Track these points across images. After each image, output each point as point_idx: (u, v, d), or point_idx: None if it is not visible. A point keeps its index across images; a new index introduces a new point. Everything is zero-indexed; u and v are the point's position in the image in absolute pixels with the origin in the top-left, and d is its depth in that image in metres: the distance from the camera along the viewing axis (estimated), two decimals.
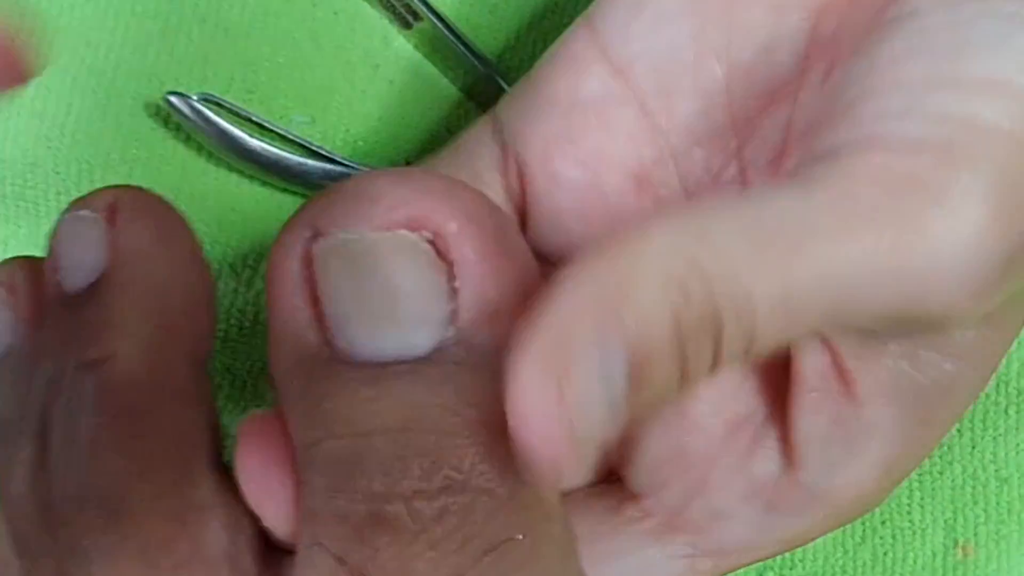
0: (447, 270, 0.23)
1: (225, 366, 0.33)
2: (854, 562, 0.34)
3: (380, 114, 0.35)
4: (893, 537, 0.34)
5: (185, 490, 0.25)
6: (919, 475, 0.34)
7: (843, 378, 0.26)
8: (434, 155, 0.30)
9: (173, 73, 0.34)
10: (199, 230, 0.34)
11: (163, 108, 0.34)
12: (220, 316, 0.33)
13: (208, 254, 0.34)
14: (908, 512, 0.34)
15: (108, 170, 0.34)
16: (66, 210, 0.26)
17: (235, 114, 0.34)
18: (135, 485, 0.24)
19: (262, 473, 0.24)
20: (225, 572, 0.25)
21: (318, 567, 0.23)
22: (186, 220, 0.26)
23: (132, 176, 0.34)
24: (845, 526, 0.29)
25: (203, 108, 0.33)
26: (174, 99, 0.33)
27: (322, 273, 0.23)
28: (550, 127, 0.28)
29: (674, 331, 0.21)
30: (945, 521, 0.34)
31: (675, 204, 0.27)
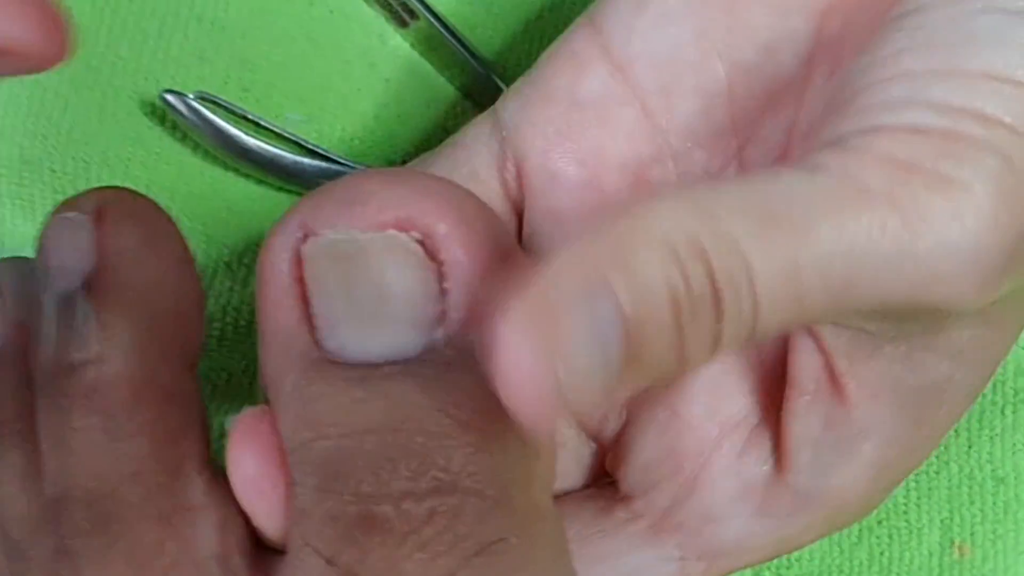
0: (437, 271, 0.23)
1: (220, 365, 0.33)
2: (850, 562, 0.34)
3: (376, 113, 0.35)
4: (890, 537, 0.34)
5: (174, 491, 0.25)
6: (915, 475, 0.34)
7: (836, 381, 0.26)
8: (432, 152, 0.30)
9: (169, 71, 0.34)
10: (194, 228, 0.34)
11: (159, 106, 0.34)
12: (215, 315, 0.33)
13: (203, 252, 0.34)
14: (904, 512, 0.34)
15: (104, 168, 0.34)
16: (55, 211, 0.26)
17: (231, 112, 0.33)
18: (123, 486, 0.24)
19: (254, 473, 0.24)
20: (215, 573, 0.25)
21: (308, 568, 0.23)
22: (175, 223, 0.26)
23: (128, 174, 0.34)
24: None
25: (199, 106, 0.33)
26: (170, 97, 0.33)
27: (312, 273, 0.23)
28: (549, 125, 0.28)
29: (670, 302, 0.21)
30: (941, 521, 0.34)
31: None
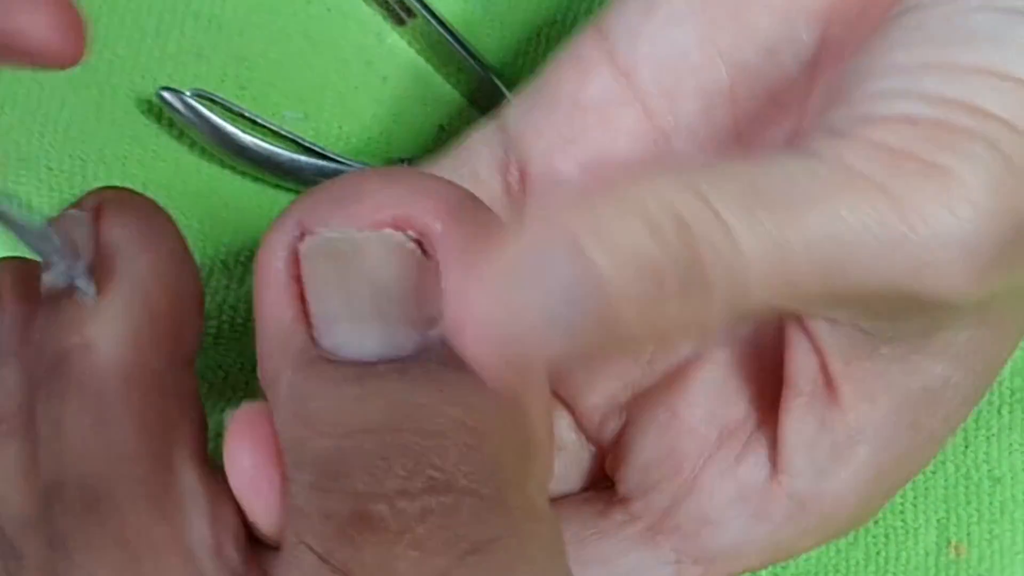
0: (433, 269, 0.23)
1: (217, 362, 0.33)
2: (847, 561, 0.34)
3: (373, 111, 0.35)
4: (886, 536, 0.34)
5: (166, 480, 0.25)
6: None
7: (831, 384, 0.26)
8: (438, 154, 0.30)
9: (166, 68, 0.34)
10: (192, 226, 0.34)
11: (156, 104, 0.34)
12: (212, 313, 0.33)
13: (200, 250, 0.34)
14: (901, 511, 0.34)
15: (101, 165, 0.34)
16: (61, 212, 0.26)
17: (228, 110, 0.34)
18: (112, 469, 0.24)
19: (250, 468, 0.24)
20: (207, 563, 0.25)
21: (302, 565, 0.23)
22: (172, 219, 0.26)
23: (125, 171, 0.34)
24: None
25: (196, 104, 0.33)
26: (167, 95, 0.33)
27: (308, 272, 0.23)
28: (552, 127, 0.28)
29: (645, 265, 0.21)
30: (938, 521, 0.34)
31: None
